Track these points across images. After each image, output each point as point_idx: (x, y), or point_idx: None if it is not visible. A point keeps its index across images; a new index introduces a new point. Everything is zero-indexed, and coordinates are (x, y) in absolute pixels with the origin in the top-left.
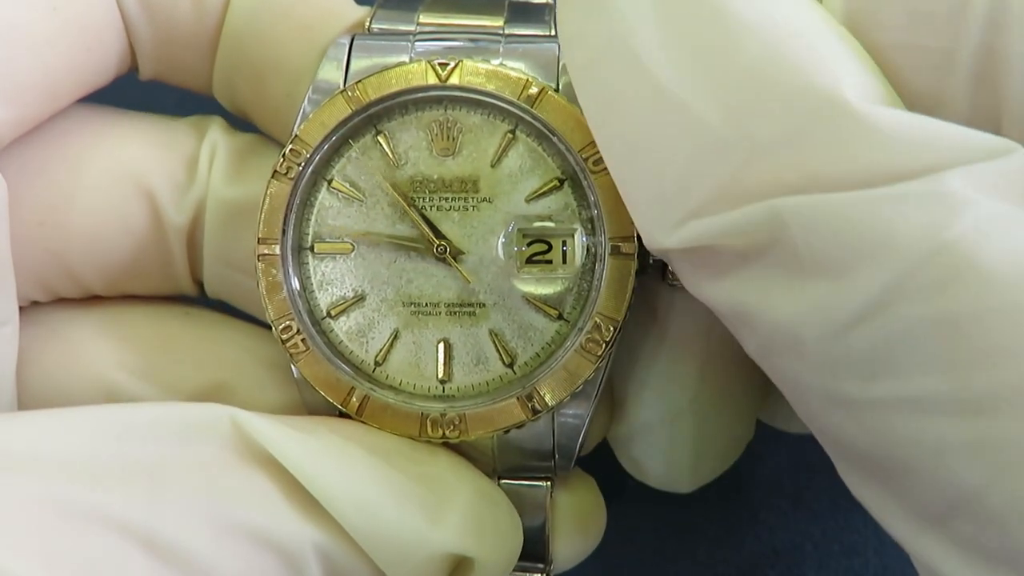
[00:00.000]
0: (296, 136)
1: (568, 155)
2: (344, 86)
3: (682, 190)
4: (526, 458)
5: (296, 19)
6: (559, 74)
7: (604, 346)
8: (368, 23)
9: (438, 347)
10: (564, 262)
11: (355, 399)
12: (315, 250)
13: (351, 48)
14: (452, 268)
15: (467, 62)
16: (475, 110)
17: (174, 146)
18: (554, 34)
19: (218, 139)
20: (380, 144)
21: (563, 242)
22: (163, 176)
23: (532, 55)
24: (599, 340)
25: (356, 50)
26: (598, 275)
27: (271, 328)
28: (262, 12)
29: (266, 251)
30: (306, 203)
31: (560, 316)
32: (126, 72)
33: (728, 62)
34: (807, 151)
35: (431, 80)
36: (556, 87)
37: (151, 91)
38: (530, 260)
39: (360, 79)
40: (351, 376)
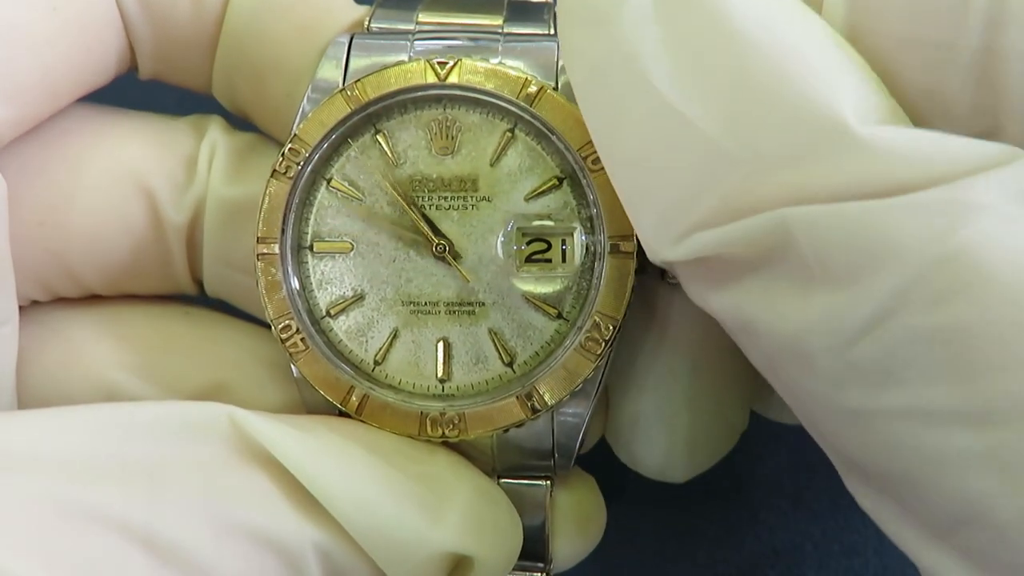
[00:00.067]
0: (295, 135)
1: (567, 154)
2: (343, 85)
3: (687, 202)
4: (525, 457)
5: (295, 18)
6: (558, 73)
7: (603, 345)
8: (367, 22)
9: (437, 346)
10: (563, 261)
11: (354, 398)
12: (314, 249)
13: (350, 47)
14: (451, 267)
15: (466, 61)
16: (474, 109)
17: (174, 146)
18: (553, 33)
19: (217, 138)
20: (379, 143)
21: (562, 241)
22: (163, 175)
23: (531, 54)
24: (598, 339)
25: (355, 49)
26: (597, 274)
27: (271, 327)
28: (261, 11)
29: (265, 250)
30: (305, 202)
31: (559, 315)
32: (126, 72)
33: (729, 76)
34: (810, 168)
35: (430, 79)
36: (555, 86)
37: (151, 91)
38: (529, 259)
39: (359, 78)
40: (350, 375)
